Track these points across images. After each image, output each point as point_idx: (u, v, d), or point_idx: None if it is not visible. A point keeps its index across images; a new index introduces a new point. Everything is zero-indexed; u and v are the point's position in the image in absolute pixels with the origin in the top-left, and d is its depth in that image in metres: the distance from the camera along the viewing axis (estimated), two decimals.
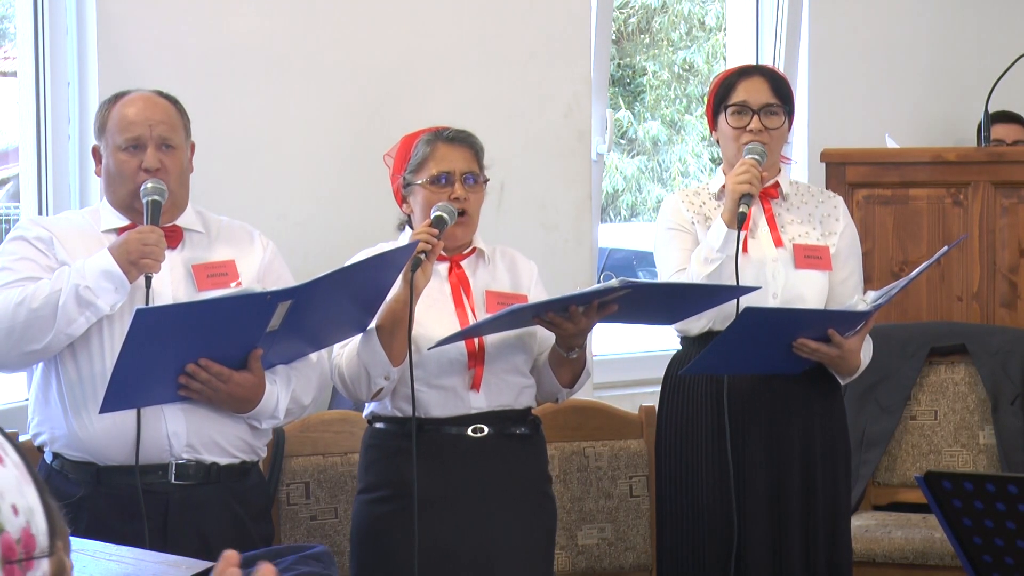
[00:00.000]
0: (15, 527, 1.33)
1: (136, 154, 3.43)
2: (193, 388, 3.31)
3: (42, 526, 1.36)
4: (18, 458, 1.38)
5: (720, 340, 3.74)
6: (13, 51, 4.52)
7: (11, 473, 1.36)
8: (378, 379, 3.48)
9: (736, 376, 3.87)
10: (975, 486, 2.44)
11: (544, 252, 5.04)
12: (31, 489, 1.37)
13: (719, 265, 3.77)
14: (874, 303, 3.80)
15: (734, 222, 3.77)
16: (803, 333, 3.78)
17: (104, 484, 3.35)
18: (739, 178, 3.80)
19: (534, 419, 3.68)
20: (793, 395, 3.91)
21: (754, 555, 3.87)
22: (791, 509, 3.89)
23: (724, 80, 4.00)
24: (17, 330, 3.28)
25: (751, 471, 3.87)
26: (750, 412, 3.88)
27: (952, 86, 6.47)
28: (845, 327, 3.80)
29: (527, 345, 3.64)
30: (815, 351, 3.80)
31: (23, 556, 1.33)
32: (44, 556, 1.35)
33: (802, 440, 3.91)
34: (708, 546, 3.89)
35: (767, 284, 3.87)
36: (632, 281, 3.44)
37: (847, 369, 3.89)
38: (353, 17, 4.69)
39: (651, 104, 9.79)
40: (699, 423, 3.92)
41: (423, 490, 3.46)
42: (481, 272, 3.67)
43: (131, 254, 3.29)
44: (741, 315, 3.67)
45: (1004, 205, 5.06)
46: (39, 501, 1.37)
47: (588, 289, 3.49)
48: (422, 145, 3.61)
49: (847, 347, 3.81)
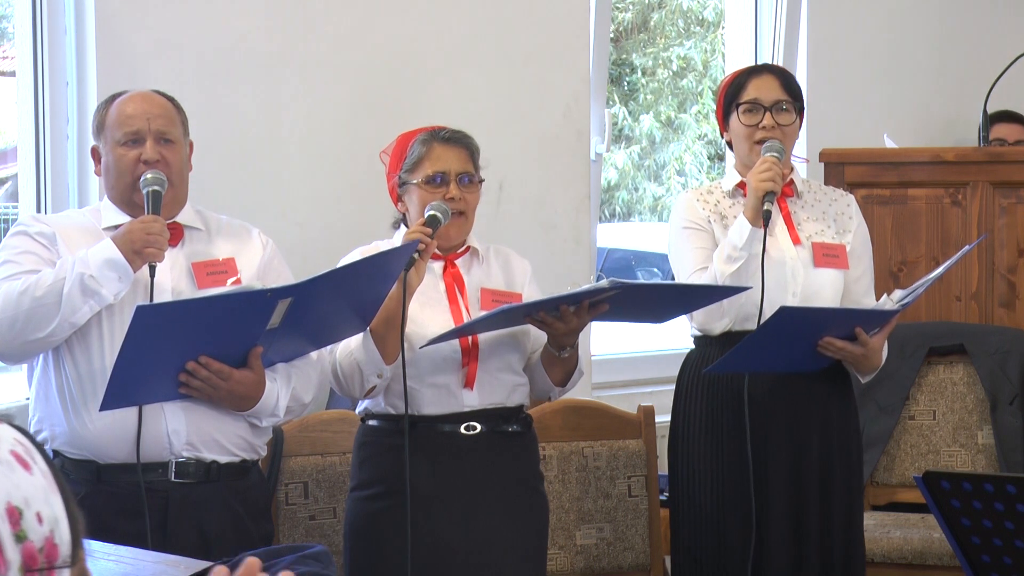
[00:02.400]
0: (39, 536, 1.33)
1: (135, 147, 3.43)
2: (193, 386, 3.30)
3: (66, 536, 1.36)
4: (46, 467, 1.38)
5: (752, 338, 3.74)
6: (12, 51, 4.52)
7: (39, 482, 1.36)
8: (371, 377, 3.49)
9: (756, 374, 3.87)
10: (973, 486, 2.45)
11: (543, 251, 5.04)
12: (57, 498, 1.37)
13: (743, 263, 3.77)
14: (901, 301, 3.81)
15: (758, 220, 3.77)
16: (830, 332, 3.79)
17: (104, 482, 3.35)
18: (762, 176, 3.79)
19: (526, 417, 3.69)
20: (812, 393, 3.92)
21: (775, 551, 3.88)
22: (810, 506, 3.91)
23: (734, 80, 3.99)
24: (21, 319, 3.28)
25: (772, 468, 3.88)
26: (770, 410, 3.88)
27: (951, 86, 6.47)
28: (871, 326, 3.82)
29: (520, 343, 3.65)
30: (841, 349, 3.81)
31: (44, 566, 1.33)
32: (66, 566, 1.35)
33: (821, 437, 3.92)
34: (729, 543, 3.90)
35: (787, 283, 3.88)
36: (622, 282, 3.46)
37: (869, 367, 3.91)
38: (352, 16, 4.69)
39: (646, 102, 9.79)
40: (720, 421, 3.92)
41: (416, 487, 3.47)
42: (476, 270, 3.68)
43: (134, 243, 3.29)
44: (777, 314, 3.67)
45: (1003, 205, 5.06)
46: (64, 510, 1.37)
47: (579, 289, 3.51)
48: (418, 145, 3.62)
49: (872, 346, 3.83)
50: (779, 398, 3.89)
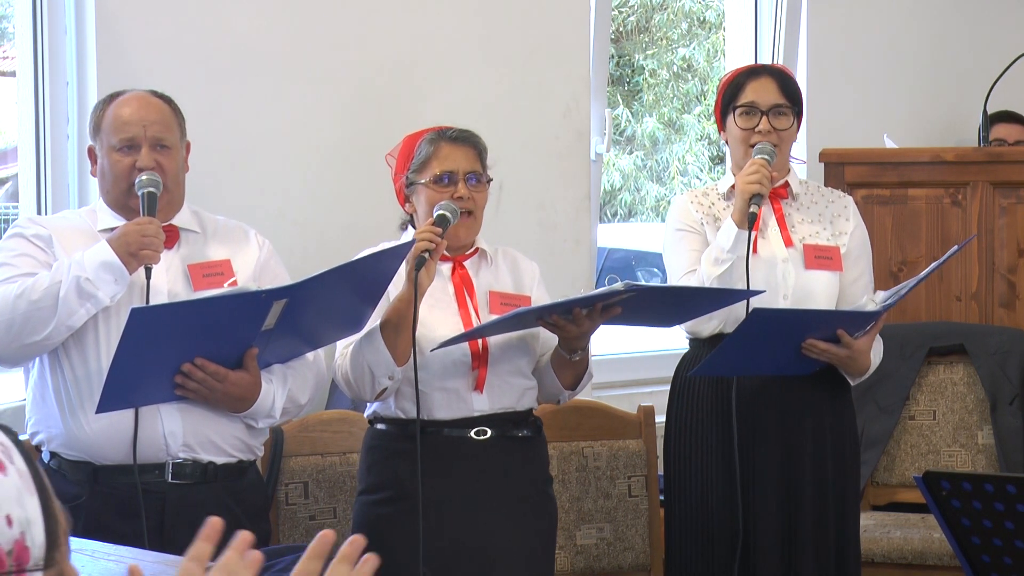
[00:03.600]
0: (7, 539, 1.31)
1: (130, 154, 3.43)
2: (189, 387, 3.30)
3: (39, 539, 1.33)
4: (24, 466, 1.36)
5: (728, 342, 3.74)
6: (12, 51, 4.52)
7: (12, 482, 1.34)
8: (382, 379, 3.47)
9: (745, 377, 3.86)
10: (973, 486, 2.45)
11: (543, 252, 5.03)
12: (33, 500, 1.34)
13: (729, 266, 3.76)
14: (883, 303, 3.80)
15: (744, 222, 3.76)
16: (812, 334, 3.78)
17: (101, 483, 3.35)
18: (749, 178, 3.78)
19: (536, 421, 3.67)
20: (804, 395, 3.91)
21: (764, 554, 3.87)
22: (803, 508, 3.89)
23: (732, 80, 3.98)
24: (17, 322, 3.28)
25: (762, 471, 3.87)
26: (761, 412, 3.87)
27: (951, 86, 6.47)
28: (854, 327, 3.80)
29: (530, 347, 3.64)
30: (824, 352, 3.80)
31: (12, 569, 1.31)
32: (38, 569, 1.33)
33: (813, 440, 3.91)
34: (717, 545, 3.89)
35: (777, 285, 3.87)
36: (637, 285, 3.45)
37: (857, 369, 3.88)
38: (352, 16, 4.69)
39: (649, 103, 9.79)
40: (707, 423, 3.92)
41: (425, 492, 3.46)
42: (484, 273, 3.67)
43: (130, 245, 3.29)
44: (749, 317, 3.66)
45: (1003, 205, 5.06)
46: (40, 512, 1.34)
47: (593, 292, 3.49)
48: (425, 144, 3.60)
49: (856, 348, 3.81)
50: (768, 401, 3.88)
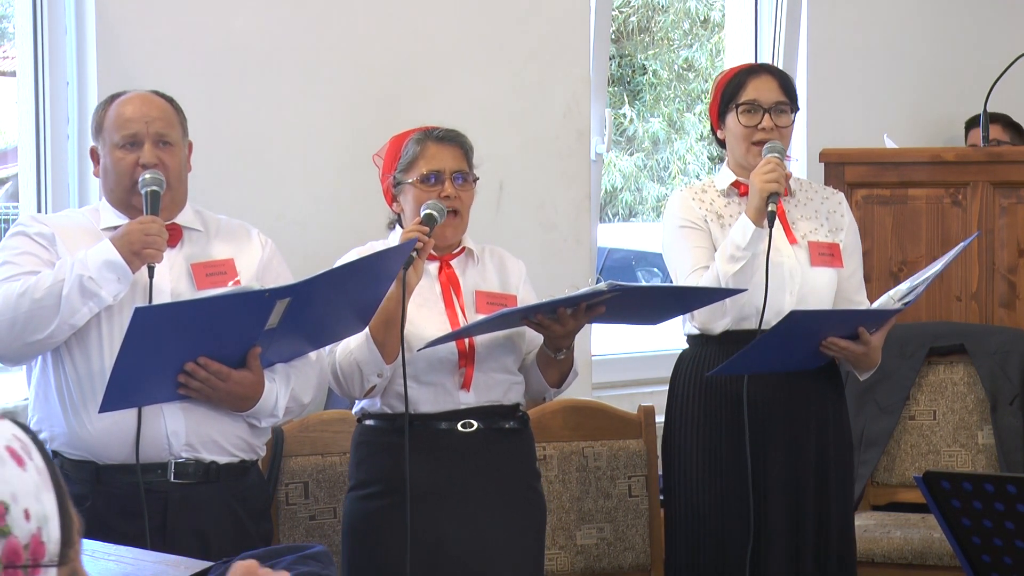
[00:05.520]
0: (24, 532, 1.32)
1: (133, 151, 3.42)
2: (192, 387, 3.30)
3: (55, 534, 1.35)
4: (43, 464, 1.37)
5: (761, 341, 3.74)
6: (12, 51, 4.52)
7: (31, 478, 1.35)
8: (371, 376, 3.50)
9: (753, 375, 3.87)
10: (974, 486, 2.45)
11: (543, 252, 5.04)
12: (50, 496, 1.36)
13: (745, 263, 3.77)
14: (903, 300, 3.82)
15: (762, 220, 3.76)
16: (833, 332, 3.80)
17: (103, 483, 3.34)
18: (766, 176, 3.78)
19: (523, 414, 3.70)
20: (810, 392, 3.93)
21: (773, 551, 3.88)
22: (806, 505, 3.91)
23: (732, 78, 3.99)
24: (20, 321, 3.27)
25: (769, 468, 3.88)
26: (767, 410, 3.89)
27: (950, 86, 6.47)
28: (874, 325, 3.82)
29: (516, 345, 3.66)
30: (844, 349, 3.82)
31: (29, 563, 1.32)
32: (53, 565, 1.34)
33: (817, 437, 3.93)
34: (727, 545, 3.90)
35: (785, 283, 3.88)
36: (620, 285, 3.47)
37: (868, 365, 3.92)
38: (352, 17, 4.69)
39: (651, 103, 9.79)
40: (716, 422, 3.92)
41: (414, 485, 3.48)
42: (471, 272, 3.69)
43: (133, 244, 3.29)
44: (787, 317, 3.69)
45: (1003, 205, 5.06)
46: (57, 509, 1.36)
47: (577, 293, 3.51)
48: (412, 144, 3.62)
49: (873, 344, 3.84)
50: (776, 398, 3.90)
